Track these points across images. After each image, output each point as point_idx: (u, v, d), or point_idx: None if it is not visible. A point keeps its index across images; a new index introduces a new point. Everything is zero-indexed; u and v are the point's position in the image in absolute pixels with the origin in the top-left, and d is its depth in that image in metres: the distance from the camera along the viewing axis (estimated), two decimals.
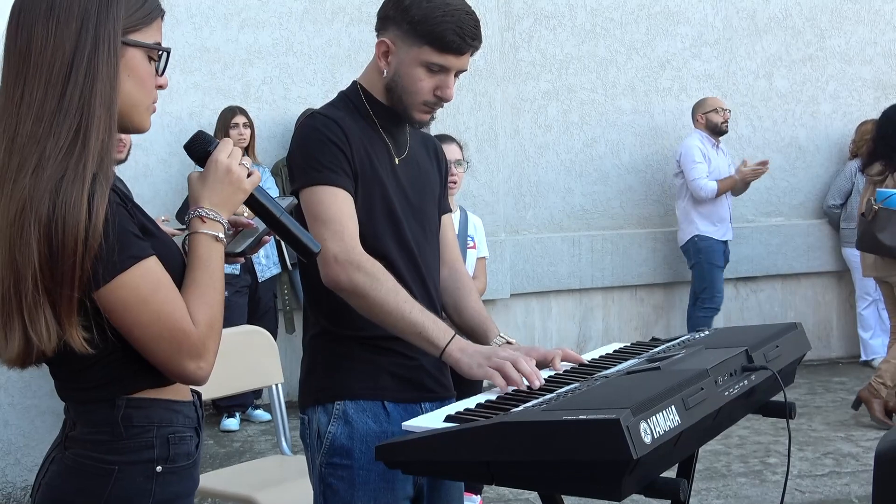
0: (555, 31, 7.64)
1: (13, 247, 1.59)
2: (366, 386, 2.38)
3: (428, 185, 2.57)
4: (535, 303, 7.56)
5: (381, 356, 2.39)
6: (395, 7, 2.37)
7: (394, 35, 2.38)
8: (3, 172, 1.62)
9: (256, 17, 6.92)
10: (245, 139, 6.43)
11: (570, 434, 1.62)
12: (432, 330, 2.24)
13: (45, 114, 1.63)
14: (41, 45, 1.64)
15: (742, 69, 8.15)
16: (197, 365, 1.72)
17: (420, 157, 2.58)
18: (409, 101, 2.40)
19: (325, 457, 2.38)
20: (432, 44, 2.33)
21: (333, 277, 2.26)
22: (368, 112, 2.45)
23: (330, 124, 2.35)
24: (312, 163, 2.32)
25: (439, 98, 2.40)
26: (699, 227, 7.23)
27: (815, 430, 6.16)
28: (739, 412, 2.25)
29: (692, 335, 2.59)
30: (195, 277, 1.75)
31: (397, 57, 2.38)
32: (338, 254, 2.25)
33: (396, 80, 2.39)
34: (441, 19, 2.31)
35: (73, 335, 1.62)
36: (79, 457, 1.74)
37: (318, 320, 2.45)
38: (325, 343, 2.44)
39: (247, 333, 3.99)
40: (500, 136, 7.46)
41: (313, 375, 2.46)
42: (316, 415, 2.41)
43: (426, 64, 2.35)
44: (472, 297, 2.61)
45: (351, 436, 2.36)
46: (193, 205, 1.80)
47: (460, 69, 2.40)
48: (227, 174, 1.80)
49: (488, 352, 2.22)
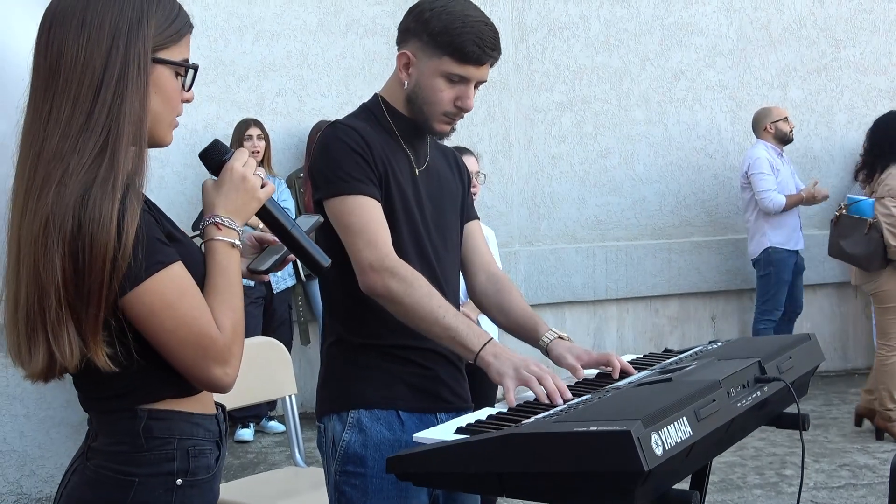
0: (568, 41, 7.65)
1: (37, 262, 1.59)
2: (380, 395, 2.39)
3: (449, 195, 2.58)
4: (549, 314, 7.55)
5: (397, 365, 2.40)
6: (415, 19, 2.40)
7: (414, 47, 2.40)
8: (29, 187, 1.63)
9: (271, 29, 6.95)
10: (259, 151, 6.46)
11: (582, 445, 1.62)
12: (466, 334, 2.25)
13: (72, 130, 1.63)
14: (71, 61, 1.65)
15: (756, 79, 8.13)
16: (223, 371, 1.72)
17: (441, 167, 2.59)
18: (430, 111, 2.41)
19: (339, 464, 2.39)
20: (452, 54, 2.35)
21: (370, 285, 2.28)
22: (389, 124, 2.46)
23: (352, 133, 2.37)
24: (338, 172, 2.33)
25: (459, 108, 2.42)
26: (771, 238, 7.09)
27: (831, 442, 6.12)
28: (752, 424, 2.24)
29: (705, 346, 2.58)
30: (215, 284, 1.75)
31: (418, 68, 2.40)
32: (373, 261, 2.27)
33: (417, 92, 2.41)
34: (461, 30, 2.33)
35: (98, 353, 1.62)
36: (100, 468, 1.75)
37: (335, 329, 2.46)
38: (341, 351, 2.45)
39: (261, 345, 4.00)
40: (514, 146, 7.46)
41: (329, 383, 2.47)
42: (331, 423, 2.42)
43: (446, 75, 2.37)
44: (514, 295, 2.61)
45: (365, 444, 2.36)
46: (208, 212, 1.80)
47: (480, 80, 2.42)
48: (243, 182, 1.81)
49: (520, 362, 2.21)
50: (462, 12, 2.36)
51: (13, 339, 1.68)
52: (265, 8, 6.94)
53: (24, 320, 1.63)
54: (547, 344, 2.46)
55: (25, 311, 1.62)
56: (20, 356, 1.68)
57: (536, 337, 2.49)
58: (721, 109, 8.05)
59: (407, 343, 2.36)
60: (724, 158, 8.04)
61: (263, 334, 5.90)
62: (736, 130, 8.05)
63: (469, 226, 2.66)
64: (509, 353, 2.25)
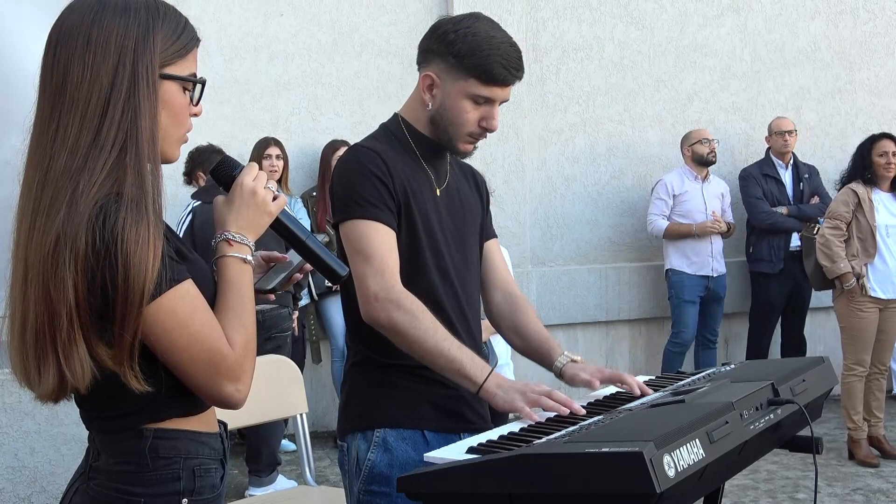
0: (582, 63, 7.66)
1: (47, 282, 1.57)
2: (405, 415, 2.39)
3: (470, 213, 2.58)
4: (561, 335, 7.53)
5: (421, 385, 2.40)
6: (439, 41, 2.40)
7: (438, 68, 2.40)
8: (37, 206, 1.61)
9: (286, 49, 6.99)
10: (277, 171, 6.48)
11: (593, 466, 1.61)
12: (470, 367, 2.26)
13: (81, 148, 1.61)
14: (78, 79, 1.63)
15: (770, 102, 8.12)
16: (235, 387, 1.71)
17: (461, 186, 2.59)
18: (455, 132, 2.42)
19: (363, 484, 2.38)
20: (479, 77, 2.36)
21: (374, 315, 2.29)
22: (410, 144, 2.47)
23: (373, 157, 2.37)
24: (354, 196, 2.33)
25: (484, 129, 2.43)
26: (672, 261, 7.25)
27: (844, 466, 6.08)
28: (765, 446, 2.22)
29: (718, 368, 2.57)
30: (227, 300, 1.74)
31: (443, 90, 2.40)
32: (378, 292, 2.27)
33: (442, 113, 2.41)
34: (487, 52, 2.34)
35: (130, 376, 1.61)
36: (104, 488, 1.73)
37: (359, 349, 2.47)
38: (365, 371, 2.45)
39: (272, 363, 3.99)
40: (528, 167, 7.47)
41: (353, 402, 2.46)
42: (355, 441, 2.41)
43: (472, 96, 2.38)
44: (531, 317, 2.61)
45: (391, 464, 2.36)
46: (220, 228, 1.80)
47: (504, 100, 2.43)
48: (253, 197, 1.80)
49: (523, 387, 2.22)
50: (487, 34, 2.37)
51: (21, 360, 1.65)
52: (280, 28, 6.98)
53: (32, 341, 1.61)
54: (561, 367, 2.46)
55: (34, 332, 1.60)
56: (28, 377, 1.65)
57: (551, 360, 2.50)
58: (735, 131, 8.04)
59: None
60: (737, 180, 8.02)
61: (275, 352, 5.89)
62: (749, 152, 8.04)
63: (488, 244, 2.67)
64: (511, 382, 2.26)
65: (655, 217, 7.24)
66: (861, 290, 6.03)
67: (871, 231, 6.05)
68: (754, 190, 7.37)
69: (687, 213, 7.16)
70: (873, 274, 6.07)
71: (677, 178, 7.26)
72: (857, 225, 6.09)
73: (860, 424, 6.17)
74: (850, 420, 6.20)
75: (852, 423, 6.18)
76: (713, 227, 7.10)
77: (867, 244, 6.07)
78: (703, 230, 7.10)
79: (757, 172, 7.45)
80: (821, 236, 6.15)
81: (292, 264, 1.98)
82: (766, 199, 7.31)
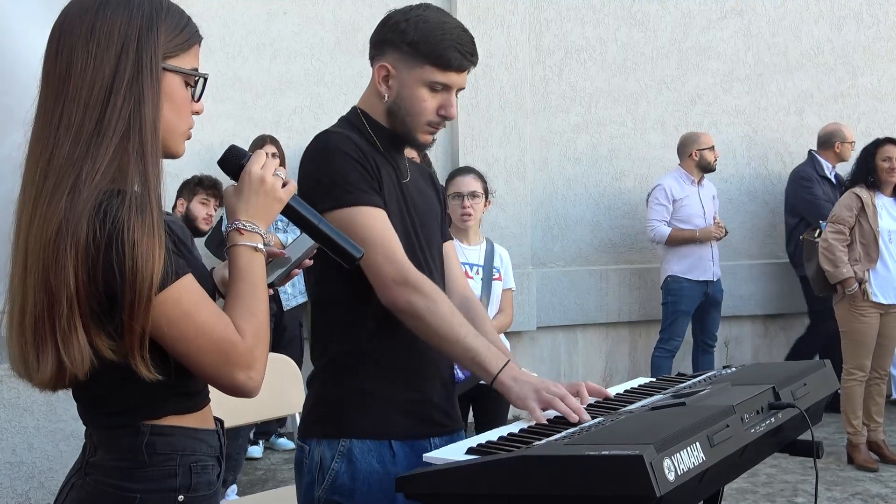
0: (585, 64, 7.66)
1: (47, 269, 1.56)
2: (374, 423, 2.34)
3: (432, 211, 2.55)
4: (561, 336, 7.53)
5: (390, 389, 2.35)
6: (391, 30, 2.38)
7: (393, 58, 2.38)
8: (38, 194, 1.61)
9: (289, 47, 6.98)
10: None
11: (593, 469, 1.60)
12: (485, 356, 2.24)
13: (83, 136, 1.61)
14: (81, 68, 1.63)
15: (773, 105, 8.12)
16: (247, 375, 1.70)
17: (420, 183, 2.56)
18: (413, 122, 2.39)
19: (326, 492, 2.33)
20: (434, 63, 2.34)
21: (393, 299, 2.25)
22: (371, 136, 2.43)
23: (348, 142, 2.33)
24: (341, 183, 2.29)
25: (443, 117, 2.40)
26: (673, 267, 7.05)
27: (843, 470, 6.07)
28: (766, 450, 2.22)
29: (718, 371, 2.57)
30: (238, 289, 1.74)
31: (398, 80, 2.38)
32: (394, 276, 2.24)
33: (399, 103, 2.39)
34: (441, 38, 2.32)
35: (141, 364, 1.61)
36: (99, 483, 1.73)
37: (326, 351, 2.41)
38: (334, 373, 2.39)
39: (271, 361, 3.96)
40: (529, 168, 7.46)
41: (320, 407, 2.40)
42: (320, 447, 2.35)
43: (429, 83, 2.36)
44: (486, 324, 2.57)
45: (354, 476, 2.31)
46: (230, 218, 1.79)
47: (460, 87, 2.41)
48: (262, 184, 1.80)
49: (539, 384, 2.19)
50: (439, 20, 2.35)
51: (19, 347, 1.65)
52: (283, 26, 6.97)
53: (31, 328, 1.61)
54: None
55: (33, 319, 1.60)
56: (26, 365, 1.64)
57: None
58: (737, 134, 8.04)
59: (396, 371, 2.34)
60: (739, 183, 8.03)
61: (274, 351, 5.88)
62: (752, 156, 8.04)
63: (445, 245, 2.63)
64: (527, 376, 2.23)
65: (657, 223, 7.05)
66: (863, 294, 6.02)
67: (874, 236, 6.04)
68: (818, 191, 7.28)
69: (686, 217, 7.05)
70: (875, 279, 6.06)
71: (675, 182, 7.12)
72: (860, 229, 6.08)
73: (859, 429, 6.17)
74: (849, 424, 6.19)
75: (852, 427, 6.17)
76: (716, 233, 7.06)
77: (870, 249, 6.06)
78: (707, 235, 7.01)
79: (814, 174, 7.37)
80: (824, 240, 6.14)
81: (290, 260, 1.97)
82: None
